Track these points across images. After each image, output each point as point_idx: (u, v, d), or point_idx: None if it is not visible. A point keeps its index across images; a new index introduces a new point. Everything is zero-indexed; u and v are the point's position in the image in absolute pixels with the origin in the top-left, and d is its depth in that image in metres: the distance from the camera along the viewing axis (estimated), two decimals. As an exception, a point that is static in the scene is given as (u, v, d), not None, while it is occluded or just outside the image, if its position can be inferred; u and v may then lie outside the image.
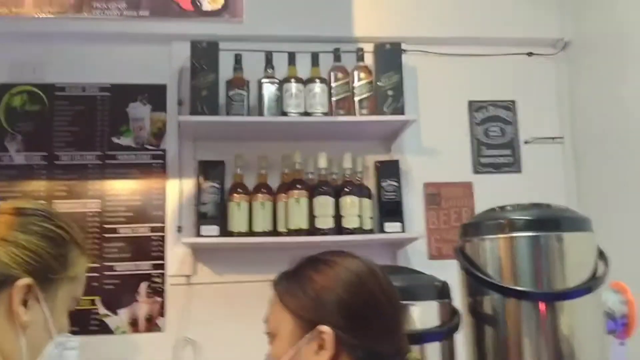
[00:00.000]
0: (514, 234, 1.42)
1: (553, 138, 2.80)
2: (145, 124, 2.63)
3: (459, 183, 2.74)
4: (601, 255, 1.44)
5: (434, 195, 2.72)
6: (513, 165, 2.79)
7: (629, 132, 2.40)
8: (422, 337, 1.40)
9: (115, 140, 2.60)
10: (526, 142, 2.80)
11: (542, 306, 1.36)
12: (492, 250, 1.44)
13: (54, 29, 2.53)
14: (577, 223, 1.45)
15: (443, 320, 1.45)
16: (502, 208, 1.50)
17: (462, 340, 1.49)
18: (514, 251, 1.41)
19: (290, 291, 1.12)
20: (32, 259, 0.95)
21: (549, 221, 1.42)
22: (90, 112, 2.61)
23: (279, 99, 2.50)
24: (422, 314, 1.42)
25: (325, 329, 1.06)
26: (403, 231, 2.53)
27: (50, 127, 2.58)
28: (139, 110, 2.63)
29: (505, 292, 1.39)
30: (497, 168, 2.78)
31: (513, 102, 2.83)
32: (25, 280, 0.94)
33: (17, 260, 0.94)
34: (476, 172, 2.77)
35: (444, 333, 1.44)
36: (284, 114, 2.49)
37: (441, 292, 1.47)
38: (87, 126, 2.60)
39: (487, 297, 1.43)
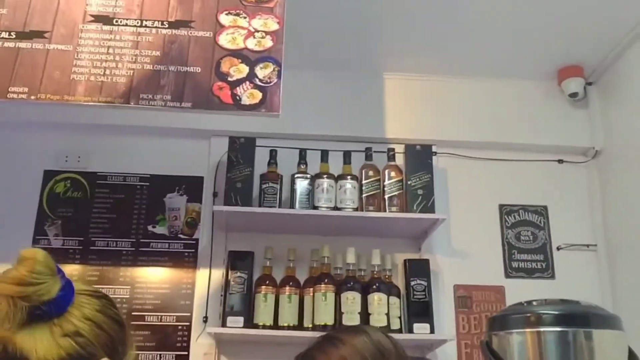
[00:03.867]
0: (542, 329, 1.38)
1: (587, 245, 2.76)
2: (180, 213, 2.70)
3: (491, 287, 2.69)
4: (632, 356, 1.38)
5: (465, 297, 2.67)
6: (546, 271, 2.74)
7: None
8: None
9: (150, 228, 2.66)
10: (559, 248, 2.76)
11: (572, 406, 1.31)
12: (519, 345, 1.40)
13: (100, 121, 2.69)
14: (607, 320, 1.40)
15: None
16: (530, 302, 1.47)
17: None
18: (541, 346, 1.37)
19: None
20: (109, 341, 0.97)
21: (578, 317, 1.38)
22: (128, 201, 2.70)
23: (311, 194, 2.55)
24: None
25: None
26: (432, 332, 2.47)
27: (89, 214, 2.67)
28: (176, 200, 2.71)
29: (533, 389, 1.34)
30: (529, 273, 2.73)
31: (545, 207, 2.82)
32: None
33: (100, 341, 0.95)
34: (508, 276, 2.72)
35: None
36: (315, 208, 2.53)
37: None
38: (124, 214, 2.68)
39: (514, 393, 1.37)
